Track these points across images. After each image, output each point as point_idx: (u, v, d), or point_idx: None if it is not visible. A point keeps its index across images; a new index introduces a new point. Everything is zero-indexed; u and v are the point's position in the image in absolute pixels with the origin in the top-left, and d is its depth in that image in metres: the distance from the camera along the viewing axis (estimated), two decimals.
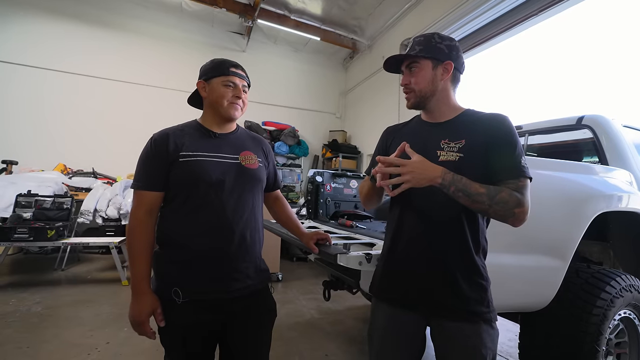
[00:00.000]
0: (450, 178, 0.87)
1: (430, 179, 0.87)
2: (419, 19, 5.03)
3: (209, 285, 1.05)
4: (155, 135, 1.11)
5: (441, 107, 1.04)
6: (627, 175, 1.88)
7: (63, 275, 3.90)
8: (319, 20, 6.13)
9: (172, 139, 1.08)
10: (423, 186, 0.88)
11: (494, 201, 0.86)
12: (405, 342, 1.00)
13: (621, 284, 1.52)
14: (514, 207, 0.86)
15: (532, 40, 4.06)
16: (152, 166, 1.07)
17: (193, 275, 1.03)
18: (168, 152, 1.06)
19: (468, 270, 0.95)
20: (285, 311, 3.04)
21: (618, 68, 3.39)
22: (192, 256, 1.03)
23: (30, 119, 5.44)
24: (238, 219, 1.09)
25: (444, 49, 1.00)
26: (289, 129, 6.75)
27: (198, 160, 1.07)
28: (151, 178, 1.07)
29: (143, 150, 1.10)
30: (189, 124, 1.17)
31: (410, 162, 0.89)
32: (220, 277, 1.06)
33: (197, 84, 1.17)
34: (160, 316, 1.02)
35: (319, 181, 2.66)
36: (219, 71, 1.12)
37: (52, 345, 2.21)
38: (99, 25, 5.89)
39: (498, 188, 0.88)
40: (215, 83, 1.12)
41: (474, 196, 0.86)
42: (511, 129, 0.95)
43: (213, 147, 1.12)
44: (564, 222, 1.47)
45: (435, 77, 1.01)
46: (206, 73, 1.14)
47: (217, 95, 1.11)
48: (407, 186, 0.88)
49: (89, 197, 4.24)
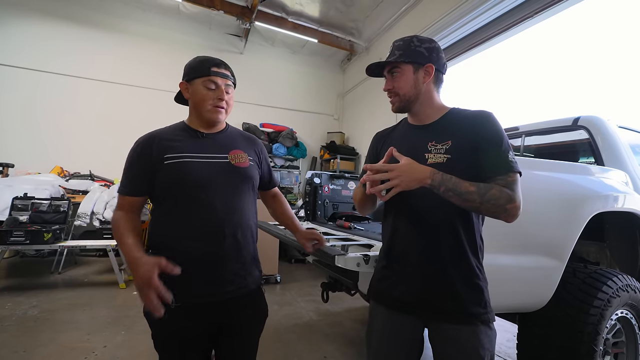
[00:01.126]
0: (440, 178, 0.87)
1: (419, 180, 0.87)
2: (416, 21, 5.05)
3: (202, 288, 1.03)
4: (139, 139, 1.09)
5: (426, 109, 1.05)
6: (622, 175, 1.89)
7: (60, 279, 3.87)
8: (317, 22, 6.14)
9: (157, 141, 1.06)
10: (413, 188, 0.88)
11: (485, 199, 0.86)
12: (404, 345, 1.00)
13: (618, 284, 1.53)
14: (505, 204, 0.86)
15: (528, 42, 4.09)
16: (136, 171, 1.06)
17: (186, 279, 0.98)
18: (152, 155, 1.04)
19: (464, 271, 0.95)
20: (283, 313, 3.04)
21: (614, 69, 3.43)
22: (183, 259, 0.98)
23: (26, 121, 5.41)
24: (229, 220, 1.07)
25: (423, 52, 1.02)
26: (286, 131, 6.75)
27: (184, 162, 1.04)
28: (134, 183, 1.07)
29: (128, 155, 1.09)
30: (176, 126, 1.15)
31: (397, 166, 0.89)
32: (214, 280, 1.05)
33: (179, 84, 1.14)
34: (169, 265, 0.93)
35: (317, 183, 2.66)
36: (200, 71, 1.08)
37: (48, 349, 2.19)
38: (96, 27, 5.88)
39: (488, 185, 0.88)
40: (196, 84, 1.08)
41: (464, 195, 0.86)
42: (496, 125, 0.95)
43: (200, 147, 1.09)
44: (560, 223, 1.48)
45: (417, 81, 1.02)
46: (188, 73, 1.11)
47: (199, 98, 1.09)
48: (398, 190, 0.88)
49: (86, 200, 4.22)
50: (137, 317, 2.78)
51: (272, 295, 3.54)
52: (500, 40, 4.17)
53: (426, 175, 0.87)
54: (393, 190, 0.88)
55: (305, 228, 1.32)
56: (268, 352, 2.26)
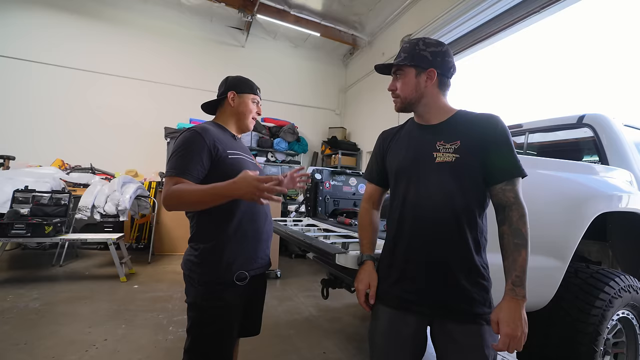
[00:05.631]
0: (521, 290, 0.88)
1: (525, 319, 0.88)
2: (419, 15, 4.99)
3: (259, 262, 1.25)
4: (199, 131, 1.17)
5: (431, 110, 1.06)
6: (627, 175, 1.87)
7: (61, 271, 3.89)
8: (319, 15, 6.07)
9: (216, 137, 1.19)
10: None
11: (528, 240, 0.90)
12: (407, 343, 1.00)
13: (620, 285, 1.52)
14: (526, 218, 0.92)
15: (533, 37, 4.03)
16: (200, 158, 1.13)
17: (249, 258, 1.20)
18: (217, 148, 1.16)
19: (470, 270, 0.95)
20: (283, 308, 3.05)
21: (619, 67, 3.37)
22: (247, 242, 1.20)
23: (27, 114, 5.40)
24: (266, 207, 1.31)
25: (427, 57, 1.02)
26: (288, 126, 6.72)
27: (242, 159, 1.25)
28: (198, 169, 1.12)
29: (185, 142, 1.14)
30: (216, 125, 1.30)
31: (516, 326, 0.87)
32: (262, 255, 1.28)
33: (228, 93, 1.31)
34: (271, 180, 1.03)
35: (318, 178, 2.65)
36: (250, 89, 1.33)
37: (49, 342, 2.20)
38: (97, 19, 5.83)
39: (517, 230, 0.91)
40: (246, 97, 1.32)
41: (527, 264, 0.89)
42: (505, 130, 0.97)
43: (240, 148, 1.31)
44: (564, 222, 1.46)
45: (419, 84, 1.04)
46: (238, 86, 1.32)
47: (246, 109, 1.33)
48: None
49: (87, 193, 4.21)
50: (138, 310, 2.79)
51: (272, 290, 3.55)
52: (505, 37, 4.12)
53: (523, 305, 0.88)
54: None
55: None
56: (267, 347, 2.27)
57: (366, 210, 1.20)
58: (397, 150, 1.11)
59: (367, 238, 1.16)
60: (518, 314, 0.87)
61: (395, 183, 1.08)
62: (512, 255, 0.91)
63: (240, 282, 1.15)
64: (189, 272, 1.17)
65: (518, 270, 0.89)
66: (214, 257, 1.15)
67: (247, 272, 1.18)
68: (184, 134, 1.17)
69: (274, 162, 6.68)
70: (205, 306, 1.13)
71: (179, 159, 1.11)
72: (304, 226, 2.26)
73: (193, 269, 1.16)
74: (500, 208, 0.96)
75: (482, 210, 0.99)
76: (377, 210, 1.22)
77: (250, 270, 1.20)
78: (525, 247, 0.90)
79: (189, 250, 1.21)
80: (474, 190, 0.97)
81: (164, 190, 1.09)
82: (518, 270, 0.89)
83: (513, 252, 0.91)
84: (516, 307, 0.88)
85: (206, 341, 1.13)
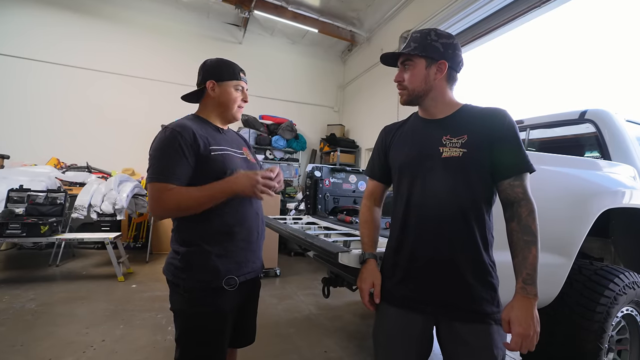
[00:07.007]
0: (532, 288, 0.86)
1: (537, 319, 0.86)
2: (418, 11, 4.95)
3: (250, 266, 1.16)
4: (176, 128, 1.06)
5: (437, 104, 1.03)
6: (631, 170, 1.85)
7: (58, 271, 3.85)
8: (317, 11, 6.01)
9: (197, 133, 1.08)
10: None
11: (538, 237, 0.89)
12: (413, 343, 0.97)
13: (624, 281, 1.51)
14: (535, 214, 0.90)
15: (535, 32, 4.01)
16: (181, 159, 1.03)
17: (238, 262, 1.11)
18: (198, 145, 1.06)
19: (478, 269, 0.92)
20: (283, 307, 3.03)
21: (621, 62, 3.36)
22: (236, 245, 1.11)
23: (22, 112, 5.32)
24: (258, 206, 1.21)
25: (439, 48, 0.99)
26: (286, 123, 6.67)
27: (228, 154, 1.13)
28: (182, 171, 1.04)
29: (164, 143, 1.04)
30: (197, 119, 1.18)
31: (528, 326, 0.85)
32: (254, 258, 1.19)
33: (207, 83, 1.17)
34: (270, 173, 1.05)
35: (317, 176, 2.62)
36: (231, 75, 1.18)
37: (46, 343, 2.17)
38: (92, 15, 5.74)
39: (526, 226, 0.89)
40: (227, 86, 1.17)
41: (538, 262, 0.87)
42: (513, 124, 0.95)
43: (226, 142, 1.18)
44: (569, 219, 1.44)
45: (429, 76, 1.00)
46: (217, 74, 1.17)
47: (229, 98, 1.18)
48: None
49: (83, 192, 4.16)
50: (136, 310, 2.76)
51: (272, 289, 3.53)
52: (505, 32, 4.08)
53: (534, 304, 0.87)
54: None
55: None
56: (267, 346, 2.25)
57: (368, 208, 1.17)
58: (401, 146, 1.08)
59: (368, 236, 1.13)
60: (530, 312, 0.85)
61: (399, 179, 1.05)
62: (522, 253, 0.88)
63: (230, 288, 1.08)
64: (173, 278, 1.08)
65: (529, 268, 0.87)
66: (200, 260, 1.06)
67: (237, 277, 1.10)
68: (160, 134, 1.07)
69: (272, 160, 6.65)
70: (193, 314, 1.06)
71: (160, 163, 1.02)
72: (304, 224, 2.23)
73: (177, 274, 1.07)
74: (508, 204, 0.93)
75: (490, 207, 0.97)
76: (379, 207, 1.19)
77: (241, 275, 1.12)
78: (536, 244, 0.87)
79: (172, 253, 1.11)
80: (482, 186, 0.94)
81: (151, 200, 1.01)
82: (529, 268, 0.87)
83: (523, 249, 0.88)
84: (528, 305, 0.85)
85: (196, 351, 1.07)
